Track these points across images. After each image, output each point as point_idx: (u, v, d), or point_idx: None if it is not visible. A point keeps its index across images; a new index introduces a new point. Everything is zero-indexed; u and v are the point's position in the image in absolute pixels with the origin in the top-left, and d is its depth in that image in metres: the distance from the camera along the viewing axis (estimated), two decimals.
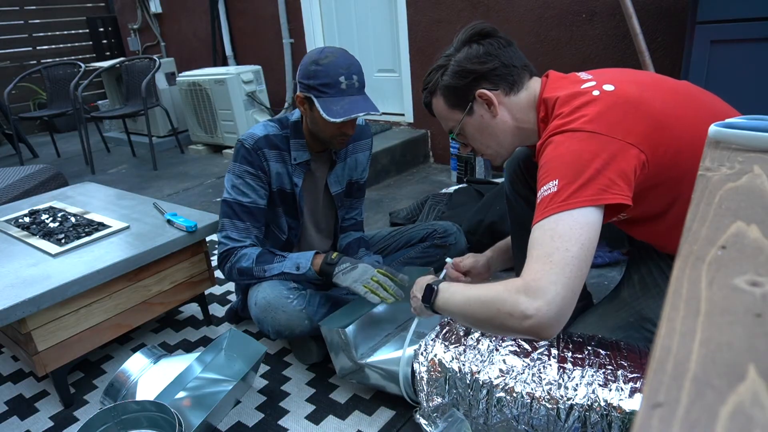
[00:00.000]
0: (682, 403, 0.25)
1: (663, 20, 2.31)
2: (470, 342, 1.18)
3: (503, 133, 1.14)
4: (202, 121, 4.09)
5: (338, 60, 1.36)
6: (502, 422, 1.10)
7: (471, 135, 1.18)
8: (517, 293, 0.87)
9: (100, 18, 5.92)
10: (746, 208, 0.43)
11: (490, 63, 1.09)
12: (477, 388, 1.12)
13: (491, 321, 0.92)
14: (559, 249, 0.86)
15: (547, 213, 0.90)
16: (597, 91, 0.99)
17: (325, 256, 1.44)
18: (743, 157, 0.56)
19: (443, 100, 1.17)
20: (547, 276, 0.85)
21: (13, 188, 2.34)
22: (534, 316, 0.84)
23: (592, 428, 1.00)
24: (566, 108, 0.99)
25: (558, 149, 0.94)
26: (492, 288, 0.93)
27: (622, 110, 0.94)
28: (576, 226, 0.87)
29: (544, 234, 0.89)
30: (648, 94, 0.99)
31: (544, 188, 0.93)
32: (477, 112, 1.13)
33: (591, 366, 1.06)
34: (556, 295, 0.84)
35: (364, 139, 1.68)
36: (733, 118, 0.67)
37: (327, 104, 1.35)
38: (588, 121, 0.94)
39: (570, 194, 0.89)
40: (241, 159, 1.48)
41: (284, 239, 1.61)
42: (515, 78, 1.11)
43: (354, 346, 1.31)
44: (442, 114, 1.20)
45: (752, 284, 0.33)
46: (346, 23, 3.75)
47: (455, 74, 1.12)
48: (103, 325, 1.51)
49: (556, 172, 0.92)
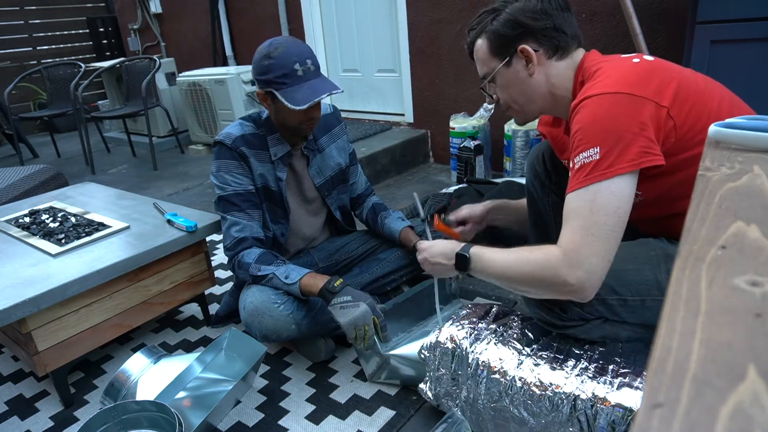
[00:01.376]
0: (682, 403, 0.25)
1: (663, 20, 2.31)
2: (482, 325, 1.24)
3: (533, 93, 1.15)
4: (202, 121, 4.09)
5: (289, 49, 1.37)
6: (496, 403, 1.13)
7: (502, 86, 1.18)
8: (558, 263, 0.96)
9: (100, 18, 5.92)
10: (746, 208, 0.43)
11: (542, 21, 1.09)
12: (476, 367, 1.16)
13: (531, 286, 1.03)
14: (597, 223, 0.93)
15: (588, 181, 0.94)
16: (637, 59, 1.03)
17: (327, 281, 1.39)
18: (743, 157, 0.56)
19: (487, 44, 1.16)
20: (586, 248, 0.94)
21: (13, 188, 2.34)
22: (574, 284, 0.95)
23: (579, 417, 1.02)
24: (605, 71, 1.02)
25: (597, 112, 0.95)
26: (531, 257, 1.02)
27: (659, 75, 0.98)
28: (613, 198, 0.93)
29: (583, 204, 0.95)
30: (686, 71, 1.04)
31: (584, 154, 0.95)
32: (514, 66, 1.14)
33: (586, 359, 1.09)
34: (594, 266, 0.94)
35: (336, 126, 1.70)
36: (733, 118, 0.67)
37: (289, 94, 1.37)
38: (626, 83, 0.96)
39: (612, 162, 0.92)
40: (223, 156, 1.50)
41: (270, 236, 1.61)
42: (561, 44, 1.11)
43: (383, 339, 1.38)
44: (481, 57, 1.19)
45: (752, 284, 0.33)
46: (346, 23, 3.75)
47: (506, 23, 1.11)
48: (103, 325, 1.51)
49: (596, 138, 0.94)
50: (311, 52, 1.42)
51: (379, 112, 3.78)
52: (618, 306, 1.11)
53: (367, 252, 1.76)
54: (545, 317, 1.18)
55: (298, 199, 1.65)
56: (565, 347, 1.15)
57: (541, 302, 1.16)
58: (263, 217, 1.57)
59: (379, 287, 1.68)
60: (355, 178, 1.77)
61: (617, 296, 1.10)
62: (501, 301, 1.79)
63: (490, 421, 1.16)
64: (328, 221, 1.78)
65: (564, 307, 1.13)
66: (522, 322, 1.23)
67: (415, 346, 1.34)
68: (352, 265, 1.75)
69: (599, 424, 0.99)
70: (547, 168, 1.41)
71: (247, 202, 1.51)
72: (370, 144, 3.26)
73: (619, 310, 1.11)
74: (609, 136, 0.93)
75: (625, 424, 0.96)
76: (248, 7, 4.25)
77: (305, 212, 1.68)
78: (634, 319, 1.12)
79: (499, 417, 1.13)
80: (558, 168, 1.40)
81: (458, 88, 3.18)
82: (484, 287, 1.88)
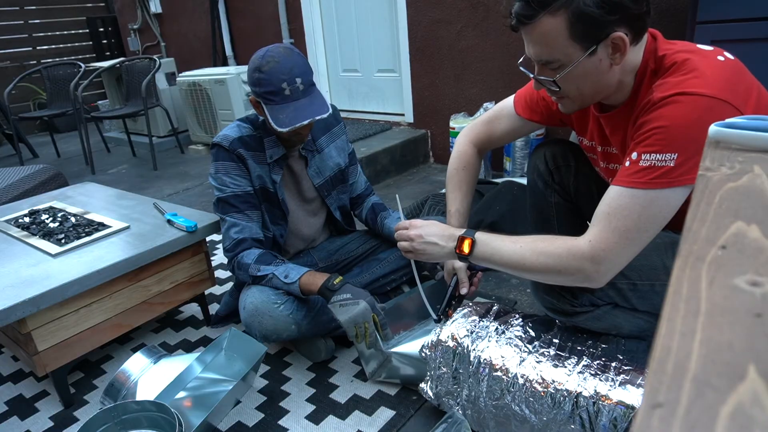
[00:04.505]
0: (682, 403, 0.25)
1: (663, 20, 2.31)
2: (483, 323, 1.23)
3: (604, 83, 1.00)
4: (202, 121, 4.09)
5: (279, 65, 1.34)
6: (497, 401, 1.13)
7: (572, 77, 0.98)
8: (583, 259, 0.95)
9: (100, 18, 5.92)
10: (746, 208, 0.43)
11: (641, 5, 0.92)
12: (478, 365, 1.16)
13: (545, 275, 1.03)
14: (640, 229, 0.92)
15: (651, 185, 0.90)
16: (721, 56, 0.94)
17: (327, 279, 1.39)
18: (743, 157, 0.56)
19: (567, 25, 0.92)
20: (618, 249, 0.93)
21: (13, 188, 2.34)
22: (594, 277, 0.95)
23: (581, 414, 1.02)
24: (696, 66, 0.91)
25: (690, 116, 0.87)
26: (551, 249, 1.00)
27: (744, 80, 0.93)
28: (666, 208, 0.91)
29: (634, 207, 0.92)
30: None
31: (658, 156, 0.89)
32: (598, 56, 0.95)
33: (588, 356, 1.09)
34: (618, 265, 0.95)
35: (335, 126, 1.69)
36: (734, 118, 0.67)
37: (274, 112, 1.36)
38: (721, 88, 0.87)
39: (683, 172, 0.88)
40: (222, 158, 1.50)
41: (270, 237, 1.61)
42: (646, 27, 0.97)
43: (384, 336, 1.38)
44: (551, 41, 0.95)
45: (752, 284, 0.33)
46: (346, 23, 3.75)
47: (604, 3, 0.89)
48: (103, 325, 1.51)
49: (678, 143, 0.88)
50: (304, 66, 1.38)
51: (379, 112, 3.78)
52: (628, 290, 1.11)
53: (367, 252, 1.76)
54: (555, 304, 1.17)
55: (298, 200, 1.65)
56: (567, 344, 1.15)
57: (551, 288, 1.16)
58: (263, 218, 1.57)
59: (379, 287, 1.68)
60: (355, 178, 1.77)
61: (627, 280, 1.09)
62: (501, 300, 1.79)
63: (492, 419, 1.16)
64: (328, 221, 1.78)
65: (575, 293, 1.13)
66: (523, 320, 1.23)
67: (417, 345, 1.34)
68: (352, 265, 1.75)
69: (601, 421, 0.99)
70: (550, 167, 1.40)
71: (246, 204, 1.51)
72: (370, 144, 3.26)
73: (629, 294, 1.11)
74: (691, 146, 0.86)
75: (626, 421, 0.96)
76: (248, 7, 4.25)
77: (305, 212, 1.68)
78: (644, 306, 1.12)
79: (500, 415, 1.13)
80: (561, 168, 1.39)
81: (458, 88, 3.18)
82: (483, 287, 1.88)
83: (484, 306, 1.32)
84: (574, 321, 1.17)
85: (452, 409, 1.23)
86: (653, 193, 0.90)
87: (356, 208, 1.81)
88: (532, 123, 1.34)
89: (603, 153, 1.20)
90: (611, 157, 1.18)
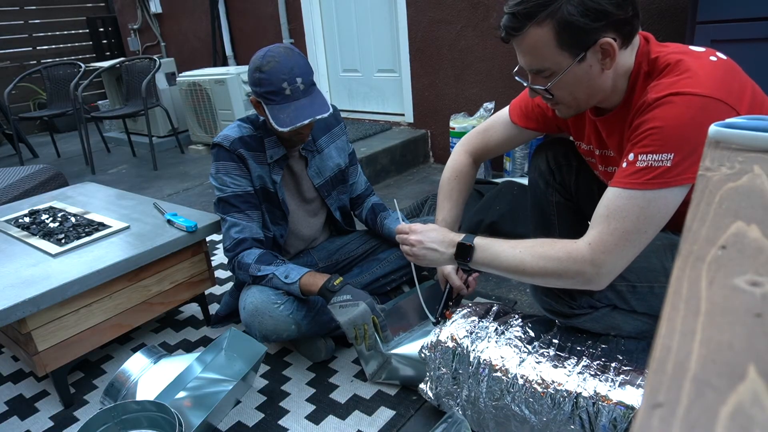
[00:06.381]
0: (682, 403, 0.25)
1: (663, 20, 2.31)
2: (483, 323, 1.23)
3: (598, 88, 1.01)
4: (202, 121, 4.09)
5: (280, 65, 1.34)
6: (497, 401, 1.13)
7: (564, 83, 1.00)
8: (583, 262, 0.96)
9: (100, 18, 5.92)
10: (746, 208, 0.43)
11: (626, 10, 0.92)
12: (477, 365, 1.16)
13: (545, 279, 1.03)
14: (639, 230, 0.92)
15: (648, 186, 0.90)
16: (714, 57, 0.95)
17: (327, 280, 1.39)
18: (743, 157, 0.56)
19: (554, 34, 0.94)
20: (618, 251, 0.93)
21: (13, 188, 2.34)
22: (595, 279, 0.96)
23: (581, 415, 1.02)
24: (689, 67, 0.92)
25: (684, 116, 0.87)
26: (551, 253, 1.00)
27: (737, 79, 0.93)
28: (664, 208, 0.91)
29: (632, 209, 0.92)
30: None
31: (654, 156, 0.89)
32: (588, 62, 0.96)
33: (587, 357, 1.09)
34: (619, 267, 0.95)
35: (335, 126, 1.69)
36: (734, 118, 0.67)
37: (275, 112, 1.36)
38: (715, 87, 0.88)
39: (680, 171, 0.89)
40: (222, 158, 1.50)
41: (270, 237, 1.61)
42: (635, 30, 0.97)
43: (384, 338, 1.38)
44: (538, 50, 0.97)
45: (752, 284, 0.33)
46: (346, 23, 3.75)
47: (588, 11, 0.90)
48: (103, 325, 1.51)
49: (673, 143, 0.88)
50: (304, 66, 1.38)
51: (379, 112, 3.78)
52: (627, 292, 1.11)
53: (367, 252, 1.76)
54: (554, 306, 1.17)
55: (298, 200, 1.65)
56: (567, 345, 1.15)
57: (550, 290, 1.16)
58: (263, 218, 1.57)
59: (379, 287, 1.68)
60: (355, 178, 1.77)
61: (626, 282, 1.09)
62: (501, 300, 1.79)
63: (492, 420, 1.16)
64: (328, 222, 1.78)
65: (573, 295, 1.13)
66: (523, 320, 1.24)
67: (416, 346, 1.34)
68: (352, 265, 1.75)
69: (601, 422, 0.99)
70: (551, 167, 1.40)
71: (246, 204, 1.51)
72: (370, 144, 3.26)
73: (628, 296, 1.11)
74: (686, 145, 0.87)
75: (626, 422, 0.96)
76: (248, 7, 4.25)
77: (305, 213, 1.68)
78: (643, 307, 1.12)
79: (500, 415, 1.13)
80: (562, 167, 1.39)
81: (458, 88, 3.18)
82: (483, 287, 1.88)
83: (483, 306, 1.32)
84: (572, 322, 1.17)
85: (452, 410, 1.23)
86: (651, 193, 0.90)
87: (356, 208, 1.81)
88: (527, 131, 1.35)
89: (601, 156, 1.20)
90: (609, 160, 1.18)
